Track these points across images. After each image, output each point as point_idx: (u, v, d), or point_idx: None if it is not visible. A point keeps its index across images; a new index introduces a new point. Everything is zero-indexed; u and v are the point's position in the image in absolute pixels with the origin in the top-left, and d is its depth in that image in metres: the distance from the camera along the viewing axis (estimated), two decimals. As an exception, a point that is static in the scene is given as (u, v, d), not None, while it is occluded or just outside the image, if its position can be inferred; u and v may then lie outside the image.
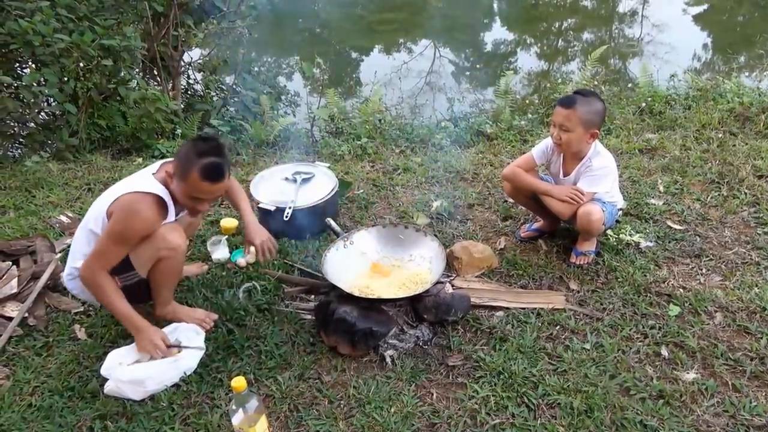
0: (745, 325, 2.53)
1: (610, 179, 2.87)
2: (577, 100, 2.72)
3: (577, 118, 2.71)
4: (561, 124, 2.76)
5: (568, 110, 2.72)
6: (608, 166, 2.85)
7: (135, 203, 2.19)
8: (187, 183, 2.20)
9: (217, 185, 2.22)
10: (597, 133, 2.79)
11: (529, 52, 10.42)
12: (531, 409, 2.17)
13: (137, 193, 2.21)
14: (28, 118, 4.81)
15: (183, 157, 2.20)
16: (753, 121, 4.58)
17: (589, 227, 2.84)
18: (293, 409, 2.20)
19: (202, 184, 2.19)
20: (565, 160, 2.97)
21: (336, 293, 2.59)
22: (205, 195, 2.25)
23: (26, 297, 2.73)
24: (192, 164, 2.16)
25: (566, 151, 2.89)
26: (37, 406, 2.23)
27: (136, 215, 2.18)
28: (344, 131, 5.23)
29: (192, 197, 2.25)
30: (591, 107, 2.72)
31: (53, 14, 4.38)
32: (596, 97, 2.79)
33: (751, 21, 10.86)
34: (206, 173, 2.17)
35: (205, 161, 2.16)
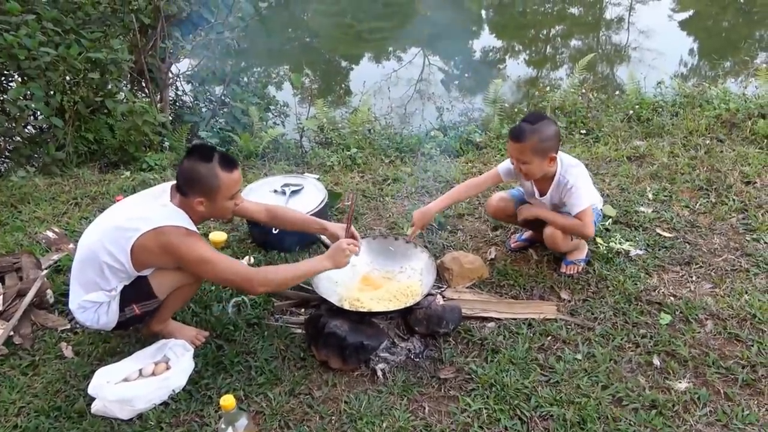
0: (736, 332, 2.53)
1: (589, 186, 2.84)
2: (526, 132, 2.63)
3: (530, 151, 2.65)
4: (517, 158, 2.72)
5: (519, 144, 2.66)
6: (581, 174, 2.80)
7: (181, 231, 2.18)
8: (220, 189, 2.22)
9: (238, 170, 2.27)
10: (554, 156, 2.72)
11: (517, 60, 10.48)
12: (524, 421, 2.15)
13: (172, 227, 2.17)
14: (14, 132, 4.75)
15: (198, 174, 2.19)
16: (739, 127, 4.61)
17: (555, 247, 2.88)
18: (284, 425, 2.17)
19: (232, 176, 2.23)
20: (536, 181, 2.91)
21: (326, 307, 2.57)
22: (236, 186, 2.28)
23: (12, 315, 2.69)
24: (212, 170, 2.19)
25: (532, 179, 2.86)
26: (23, 428, 2.19)
27: (194, 236, 2.21)
28: (333, 142, 5.23)
29: (230, 198, 2.28)
30: (541, 135, 2.63)
31: (39, 27, 4.36)
32: (546, 120, 2.70)
33: (735, 27, 10.99)
34: (227, 163, 2.22)
35: (218, 156, 2.21)
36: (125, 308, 2.28)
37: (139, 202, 2.32)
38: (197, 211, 2.26)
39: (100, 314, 2.28)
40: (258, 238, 3.34)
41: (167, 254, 2.18)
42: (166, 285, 2.31)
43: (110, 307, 2.27)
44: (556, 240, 2.82)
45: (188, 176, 2.21)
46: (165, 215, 2.19)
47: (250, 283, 2.24)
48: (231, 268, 2.23)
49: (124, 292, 2.26)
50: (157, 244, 2.15)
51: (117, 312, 2.28)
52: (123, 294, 2.26)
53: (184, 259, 2.19)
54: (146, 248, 2.16)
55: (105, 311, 2.28)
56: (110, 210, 2.36)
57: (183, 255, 2.17)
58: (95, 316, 2.29)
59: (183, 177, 2.23)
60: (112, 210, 2.35)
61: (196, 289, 2.50)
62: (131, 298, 2.28)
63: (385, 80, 8.06)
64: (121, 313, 2.29)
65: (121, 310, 2.28)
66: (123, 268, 2.20)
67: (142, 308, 2.31)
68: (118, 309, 2.28)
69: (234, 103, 6.21)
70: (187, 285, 2.36)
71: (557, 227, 2.82)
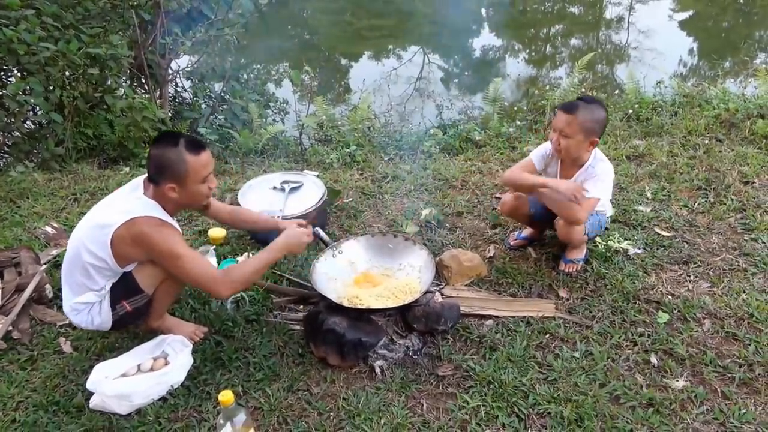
0: (733, 331, 2.54)
1: (610, 187, 2.86)
2: (580, 106, 2.67)
3: (578, 125, 2.67)
4: (561, 129, 2.71)
5: (569, 116, 2.68)
6: (609, 172, 2.81)
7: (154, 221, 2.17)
8: (189, 173, 2.18)
9: (207, 152, 2.24)
10: (597, 141, 2.75)
11: (517, 59, 10.48)
12: (521, 419, 2.16)
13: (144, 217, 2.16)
14: (14, 127, 4.75)
15: (166, 160, 2.17)
16: (739, 127, 4.62)
17: (570, 237, 2.85)
18: (282, 421, 2.18)
19: (200, 158, 2.19)
20: (563, 166, 2.91)
21: (325, 303, 2.57)
22: (206, 170, 2.24)
23: (10, 310, 2.69)
24: (179, 154, 2.16)
25: (565, 157, 2.83)
26: (22, 422, 2.19)
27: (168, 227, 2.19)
28: (333, 139, 5.23)
29: (202, 182, 2.24)
30: (593, 115, 2.67)
31: (39, 22, 4.35)
32: (599, 104, 2.73)
33: (735, 27, 11.00)
34: (194, 146, 2.19)
35: (184, 141, 2.19)
36: (116, 306, 2.28)
37: (115, 198, 2.31)
38: (171, 199, 2.23)
39: (93, 315, 2.29)
40: (257, 235, 3.34)
41: (139, 246, 2.16)
42: (150, 278, 2.29)
43: (102, 306, 2.27)
44: (571, 229, 2.80)
45: (157, 163, 2.19)
46: (138, 207, 2.18)
47: (216, 285, 2.20)
48: (199, 267, 2.20)
49: (112, 291, 2.27)
50: (130, 235, 2.13)
51: (109, 311, 2.28)
52: (112, 293, 2.27)
53: (154, 250, 2.17)
54: (122, 240, 2.15)
55: (98, 312, 2.28)
56: (91, 209, 2.36)
57: (154, 246, 2.15)
58: (89, 317, 2.29)
59: (152, 165, 2.21)
60: (92, 209, 2.35)
61: (183, 284, 2.46)
62: (120, 295, 2.28)
63: (384, 78, 8.06)
64: (113, 312, 2.29)
65: (113, 309, 2.28)
66: (107, 266, 2.20)
67: (132, 304, 2.31)
68: (109, 308, 2.28)
69: (233, 99, 6.21)
70: (171, 277, 2.33)
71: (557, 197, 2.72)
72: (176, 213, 2.34)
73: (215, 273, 2.23)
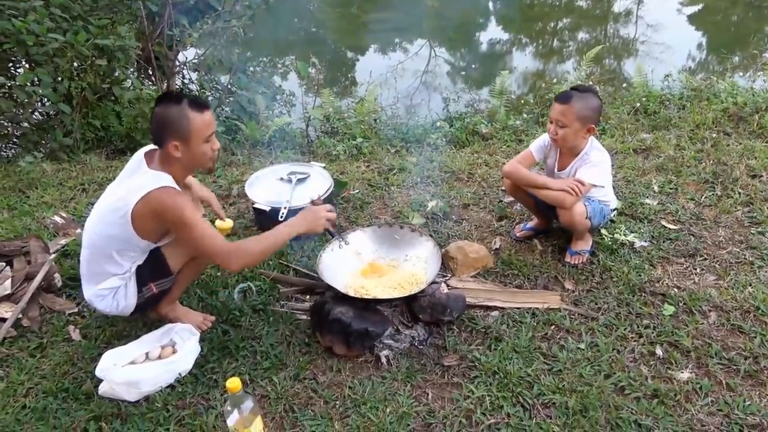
0: (739, 324, 2.53)
1: (606, 172, 2.88)
2: (574, 95, 2.74)
3: (573, 114, 2.73)
4: (557, 119, 2.78)
5: (564, 106, 2.74)
6: (605, 160, 2.87)
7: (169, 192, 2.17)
8: (192, 130, 2.18)
9: (210, 112, 2.25)
10: (593, 128, 2.80)
11: (524, 52, 10.44)
12: (526, 408, 2.17)
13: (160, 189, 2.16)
14: (22, 118, 4.78)
15: (169, 117, 2.17)
16: (747, 121, 4.60)
17: (572, 221, 2.85)
18: (289, 409, 2.20)
19: (203, 116, 2.20)
20: (561, 155, 2.98)
21: (331, 294, 2.58)
22: (209, 128, 2.24)
23: (20, 298, 2.72)
24: (182, 111, 2.17)
25: (563, 146, 2.90)
26: (31, 408, 2.22)
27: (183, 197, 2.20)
28: (339, 131, 5.24)
29: (205, 141, 2.24)
30: (587, 103, 2.74)
31: (47, 14, 4.37)
32: (593, 93, 2.80)
33: (744, 21, 10.91)
34: (197, 104, 2.20)
35: (187, 99, 2.19)
36: (143, 288, 2.31)
37: (123, 179, 2.32)
38: (176, 161, 2.23)
39: (119, 299, 2.31)
40: (264, 225, 3.35)
41: (158, 217, 2.17)
42: (180, 258, 2.33)
43: (128, 289, 2.30)
44: (573, 217, 2.82)
45: (160, 121, 2.19)
46: (150, 180, 2.17)
47: (228, 258, 2.19)
48: (212, 239, 2.19)
49: (139, 273, 2.29)
50: (149, 209, 2.14)
51: (135, 294, 2.30)
52: (139, 275, 2.29)
53: (170, 220, 2.17)
54: (142, 216, 2.16)
55: (123, 295, 2.30)
56: (99, 200, 2.37)
57: (170, 216, 2.16)
58: (114, 302, 2.31)
59: (155, 124, 2.20)
60: (100, 199, 2.36)
61: (205, 265, 2.49)
62: (147, 277, 2.31)
63: (391, 71, 8.05)
64: (139, 294, 2.31)
65: (139, 291, 2.31)
66: (131, 246, 2.23)
67: (159, 287, 2.34)
68: (135, 290, 2.30)
69: (240, 91, 6.21)
70: (198, 258, 2.37)
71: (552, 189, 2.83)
72: (184, 178, 2.34)
73: (228, 246, 2.22)
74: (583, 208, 2.83)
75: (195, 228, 2.16)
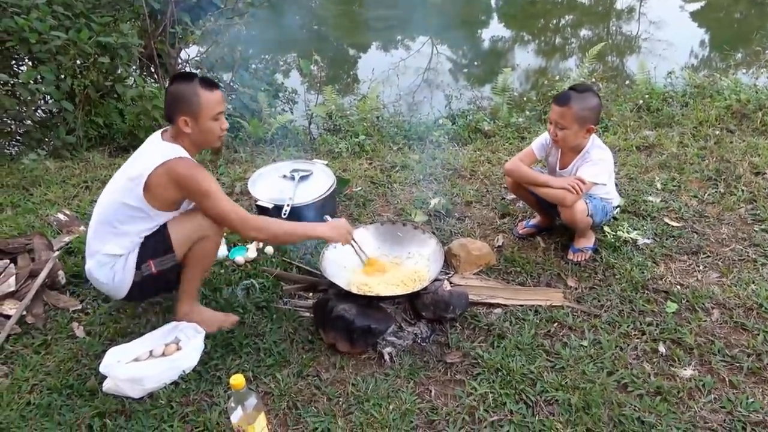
0: (742, 321, 2.53)
1: (607, 170, 2.88)
2: (572, 97, 2.73)
3: (572, 116, 2.72)
4: (556, 121, 2.78)
5: (563, 108, 2.74)
6: (606, 158, 2.87)
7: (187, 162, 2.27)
8: (201, 106, 2.27)
9: (219, 91, 2.34)
10: (593, 128, 2.80)
11: (526, 49, 10.42)
12: (529, 405, 2.17)
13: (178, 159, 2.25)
14: (25, 115, 4.79)
15: (181, 93, 2.27)
16: (750, 118, 4.59)
17: (573, 219, 2.85)
18: (292, 406, 2.20)
19: (213, 94, 2.29)
20: (562, 154, 2.99)
21: (334, 291, 2.59)
22: (219, 106, 2.33)
23: (24, 295, 2.73)
24: (193, 88, 2.26)
25: (564, 146, 2.91)
26: (36, 404, 2.23)
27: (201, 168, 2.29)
28: (342, 128, 5.23)
29: (214, 119, 2.32)
30: (586, 103, 2.73)
31: (50, 11, 4.37)
32: (591, 92, 2.79)
33: (747, 18, 10.88)
34: (208, 83, 2.30)
35: (198, 78, 2.29)
36: (141, 265, 2.31)
37: (138, 154, 2.38)
38: (186, 136, 2.32)
39: (116, 270, 2.31)
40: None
41: (177, 186, 2.25)
42: (183, 236, 2.33)
43: (127, 262, 2.30)
44: (574, 215, 2.82)
45: (172, 97, 2.29)
46: (167, 150, 2.27)
47: (245, 224, 2.32)
48: (231, 205, 2.31)
49: (141, 249, 2.31)
50: (168, 176, 2.23)
51: (133, 269, 2.31)
52: (140, 251, 2.31)
53: (190, 189, 2.27)
54: (158, 183, 2.23)
55: (122, 266, 2.30)
56: (113, 177, 2.43)
57: (190, 184, 2.25)
58: (111, 273, 2.31)
59: (168, 100, 2.30)
60: (114, 177, 2.42)
61: (214, 246, 2.46)
62: (148, 253, 2.32)
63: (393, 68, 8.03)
64: (137, 271, 2.31)
65: (138, 268, 2.31)
66: (140, 214, 2.28)
67: (158, 265, 2.33)
68: (134, 265, 2.31)
69: (243, 89, 6.21)
70: (204, 239, 2.36)
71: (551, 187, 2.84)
72: (194, 155, 2.39)
73: (247, 214, 2.35)
74: (585, 206, 2.83)
75: (215, 195, 2.28)
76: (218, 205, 2.29)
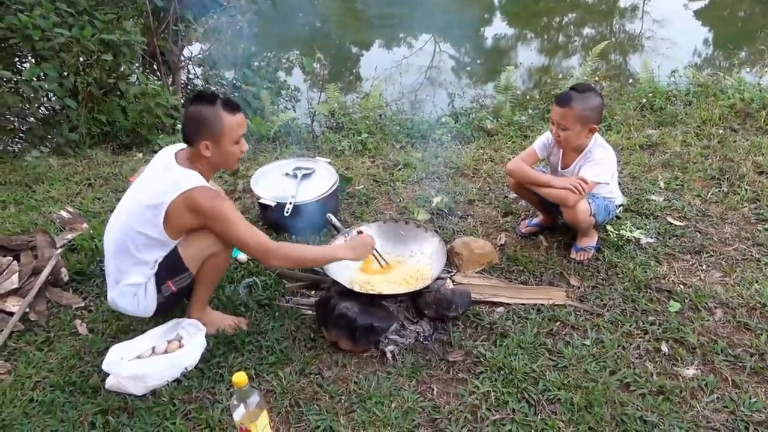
0: (745, 321, 2.53)
1: (610, 169, 2.87)
2: (573, 97, 2.71)
3: (574, 116, 2.71)
4: (558, 122, 2.77)
5: (564, 109, 2.72)
6: (608, 157, 2.86)
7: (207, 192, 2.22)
8: (224, 131, 2.23)
9: (241, 113, 2.30)
10: (595, 128, 2.79)
11: (529, 47, 10.40)
12: (531, 404, 2.17)
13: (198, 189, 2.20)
14: (28, 112, 4.80)
15: (203, 117, 2.21)
16: (754, 117, 4.57)
17: (576, 220, 2.85)
18: (294, 404, 2.21)
19: (235, 118, 2.25)
20: (565, 153, 2.98)
21: (337, 289, 2.59)
22: (241, 129, 2.30)
23: (27, 292, 2.73)
24: (215, 111, 2.21)
25: (566, 147, 2.91)
26: (39, 401, 2.24)
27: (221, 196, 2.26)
28: (345, 126, 5.23)
29: (234, 143, 2.29)
30: (587, 104, 2.71)
31: (53, 8, 4.37)
32: (593, 92, 2.77)
33: (752, 16, 10.84)
34: (230, 105, 2.25)
35: (221, 100, 2.24)
36: (161, 287, 2.32)
37: (153, 178, 2.31)
38: (205, 160, 2.28)
39: (140, 298, 2.32)
40: (270, 220, 3.36)
41: (197, 215, 2.21)
42: (194, 253, 2.32)
43: (147, 288, 2.31)
44: (577, 215, 2.82)
45: (193, 120, 2.23)
46: (185, 178, 2.21)
47: (266, 254, 2.27)
48: (251, 233, 2.26)
49: (158, 271, 2.30)
50: (187, 206, 2.18)
51: (155, 294, 2.32)
52: (157, 273, 2.30)
53: (210, 218, 2.22)
54: (178, 213, 2.19)
55: (143, 294, 2.31)
56: (126, 197, 2.37)
57: (209, 214, 2.20)
58: (135, 300, 2.32)
59: (188, 122, 2.25)
60: (128, 196, 2.36)
61: (225, 261, 2.46)
62: (165, 275, 2.31)
63: (396, 66, 8.02)
64: (158, 294, 2.33)
65: (159, 290, 2.32)
66: (156, 242, 2.25)
67: (176, 284, 2.34)
68: (155, 290, 2.31)
69: (245, 86, 6.21)
70: (215, 255, 2.35)
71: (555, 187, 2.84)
72: (210, 177, 2.37)
73: (270, 243, 2.29)
74: (587, 206, 2.83)
75: (237, 225, 2.23)
76: (240, 237, 2.25)
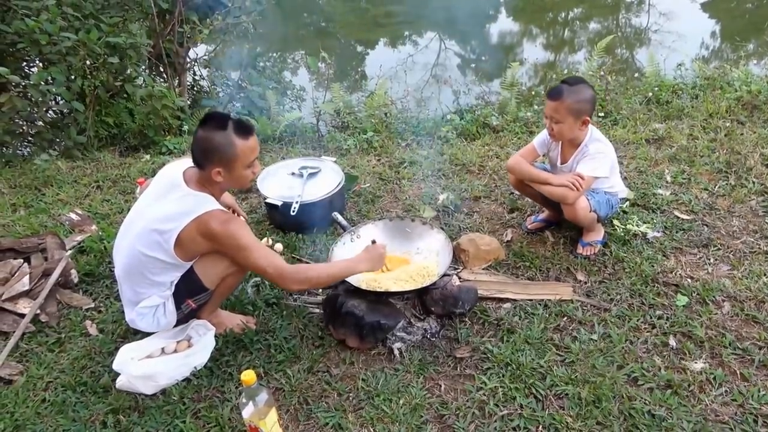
0: (753, 314, 2.52)
1: (607, 163, 2.85)
2: (564, 90, 2.71)
3: (565, 109, 2.71)
4: (551, 116, 2.77)
5: (556, 102, 2.72)
6: (604, 150, 2.84)
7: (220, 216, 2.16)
8: (237, 157, 2.16)
9: (254, 135, 2.23)
10: (588, 120, 2.78)
11: (535, 43, 10.35)
12: (539, 400, 2.18)
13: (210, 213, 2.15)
14: (37, 116, 4.84)
15: (215, 144, 2.13)
16: (761, 109, 4.55)
17: (576, 217, 2.85)
18: (303, 402, 2.22)
19: (248, 143, 2.18)
20: (563, 148, 2.98)
21: (344, 287, 2.60)
22: (254, 154, 2.23)
23: (38, 294, 2.76)
24: (227, 137, 2.13)
25: (561, 140, 2.91)
26: (51, 401, 2.27)
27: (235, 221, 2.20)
28: (350, 125, 5.24)
29: (247, 166, 2.23)
30: (579, 96, 2.71)
31: (59, 13, 4.40)
32: (584, 84, 2.76)
33: (759, 8, 10.74)
34: (242, 129, 2.17)
35: (232, 124, 2.16)
36: (181, 305, 2.33)
37: (161, 198, 2.24)
38: (216, 184, 2.23)
39: (159, 317, 2.33)
40: (276, 220, 3.38)
41: (210, 241, 2.16)
42: (212, 275, 2.29)
43: (166, 308, 2.32)
44: (577, 213, 2.82)
45: (204, 146, 2.15)
46: (195, 204, 2.16)
47: (283, 278, 2.22)
48: (267, 259, 2.21)
49: (176, 291, 2.29)
50: (199, 232, 2.13)
51: (174, 312, 2.33)
52: (175, 293, 2.30)
53: (224, 245, 2.17)
54: (190, 239, 2.15)
55: (163, 313, 2.32)
56: (133, 217, 2.32)
57: (223, 241, 2.15)
58: (154, 319, 2.33)
59: (199, 147, 2.16)
60: (134, 215, 2.31)
61: (242, 277, 2.47)
62: (184, 294, 2.31)
63: (401, 65, 8.02)
64: (178, 311, 2.34)
65: (178, 308, 2.33)
66: (169, 266, 2.22)
67: (197, 302, 2.36)
68: (174, 308, 2.32)
69: (251, 87, 6.23)
70: (233, 274, 2.35)
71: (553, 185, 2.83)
72: (221, 197, 2.35)
73: (287, 267, 2.24)
74: (586, 202, 2.82)
75: (253, 251, 2.19)
76: (255, 263, 2.20)
